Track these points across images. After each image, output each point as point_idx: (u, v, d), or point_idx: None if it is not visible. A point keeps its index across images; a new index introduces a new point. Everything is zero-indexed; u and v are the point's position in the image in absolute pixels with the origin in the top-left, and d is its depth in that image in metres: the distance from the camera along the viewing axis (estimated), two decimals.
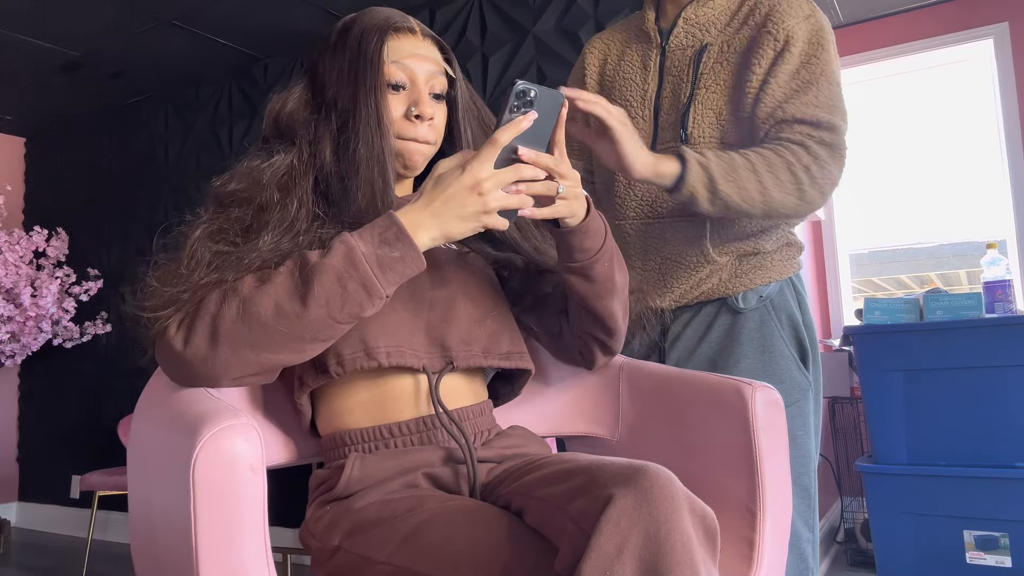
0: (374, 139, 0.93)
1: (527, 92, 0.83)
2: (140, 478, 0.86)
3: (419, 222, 0.82)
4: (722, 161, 1.12)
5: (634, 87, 1.32)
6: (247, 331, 0.81)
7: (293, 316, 0.80)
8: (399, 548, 0.78)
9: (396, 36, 0.98)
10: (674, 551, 0.63)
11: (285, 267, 0.83)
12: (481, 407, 0.99)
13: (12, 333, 3.36)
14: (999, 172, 2.85)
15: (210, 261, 0.85)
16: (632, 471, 0.67)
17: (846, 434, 2.85)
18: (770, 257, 1.26)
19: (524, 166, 0.83)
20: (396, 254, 0.81)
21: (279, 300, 0.81)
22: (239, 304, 0.81)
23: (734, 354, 1.22)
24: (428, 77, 0.98)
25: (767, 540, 0.95)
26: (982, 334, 2.09)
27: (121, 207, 3.70)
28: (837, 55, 1.23)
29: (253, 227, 0.90)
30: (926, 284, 3.04)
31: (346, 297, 0.81)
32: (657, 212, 1.27)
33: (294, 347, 0.83)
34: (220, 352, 0.81)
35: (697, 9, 1.28)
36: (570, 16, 2.47)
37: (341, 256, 0.81)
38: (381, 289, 0.81)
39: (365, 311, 0.82)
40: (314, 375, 0.92)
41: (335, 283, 0.80)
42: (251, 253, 0.86)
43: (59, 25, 2.83)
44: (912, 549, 2.17)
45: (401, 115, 0.97)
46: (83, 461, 3.69)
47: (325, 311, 0.81)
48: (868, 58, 3.04)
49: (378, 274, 0.81)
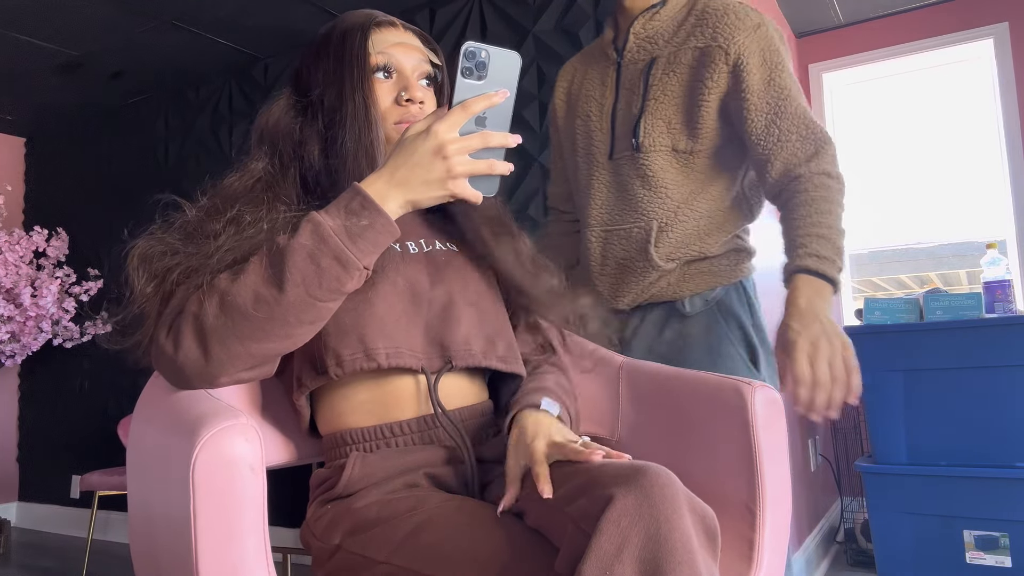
0: (362, 132, 0.94)
1: (476, 53, 0.80)
2: (140, 478, 0.86)
3: (384, 191, 0.81)
4: (825, 244, 1.17)
5: (594, 102, 1.41)
6: (231, 323, 0.80)
7: (272, 301, 0.79)
8: (399, 548, 0.78)
9: (379, 29, 0.99)
10: (674, 551, 0.63)
11: (257, 255, 0.82)
12: (482, 408, 0.98)
13: (12, 333, 3.36)
14: (999, 172, 2.85)
15: (181, 267, 0.85)
16: (632, 471, 0.67)
17: (846, 434, 2.85)
18: (717, 262, 1.32)
19: (492, 134, 0.81)
20: (364, 222, 0.80)
21: (256, 287, 0.80)
22: (218, 299, 0.81)
23: (684, 355, 1.29)
24: (415, 65, 0.99)
25: (767, 540, 0.95)
26: (982, 334, 2.09)
27: (121, 207, 3.69)
28: (791, 66, 1.29)
29: (223, 231, 0.89)
30: (926, 284, 3.04)
31: (321, 273, 0.79)
32: (613, 221, 1.35)
33: (281, 333, 0.82)
34: (211, 349, 0.81)
35: (645, 24, 1.35)
36: (570, 16, 2.47)
37: (309, 233, 0.80)
38: (355, 259, 0.80)
39: (344, 285, 0.81)
40: (313, 376, 0.91)
41: (307, 261, 0.79)
42: (222, 250, 0.85)
43: (59, 25, 2.83)
44: (912, 549, 2.17)
45: (391, 102, 0.97)
46: (83, 461, 3.69)
47: (303, 290, 0.79)
48: (868, 58, 3.04)
49: (349, 244, 0.79)
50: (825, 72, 3.13)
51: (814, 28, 3.10)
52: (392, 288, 0.93)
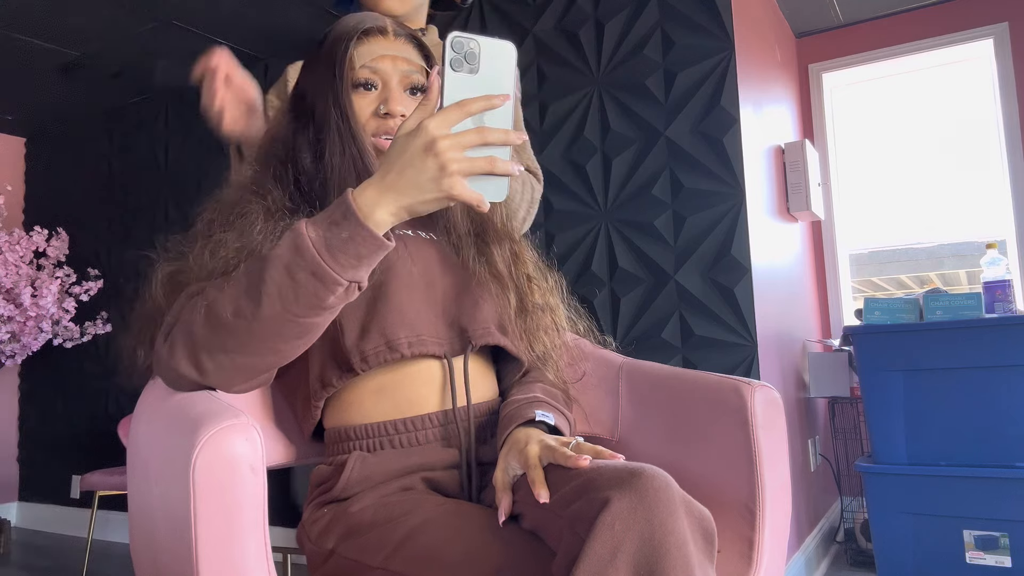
0: (346, 145, 0.93)
1: (465, 44, 0.73)
2: (140, 478, 0.86)
3: (375, 198, 0.74)
4: None
5: None
6: (215, 337, 0.78)
7: (250, 315, 0.75)
8: (394, 553, 0.77)
9: (365, 40, 0.97)
10: (669, 555, 0.63)
11: (243, 265, 0.80)
12: (489, 405, 0.98)
13: (12, 333, 3.36)
14: (999, 172, 2.85)
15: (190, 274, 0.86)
16: (628, 474, 0.67)
17: (846, 434, 2.85)
18: None
19: (492, 129, 0.74)
20: (344, 234, 0.73)
21: (236, 300, 0.76)
22: (205, 310, 0.78)
23: None
24: (402, 76, 0.97)
25: (767, 540, 0.95)
26: (982, 334, 2.09)
27: (121, 207, 3.69)
28: None
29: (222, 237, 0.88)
30: (926, 284, 3.04)
31: (297, 288, 0.74)
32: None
33: (266, 348, 0.78)
34: (201, 362, 0.80)
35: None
36: (570, 16, 2.47)
37: (288, 244, 0.75)
38: (334, 275, 0.73)
39: (324, 300, 0.75)
40: (339, 374, 0.90)
41: (284, 274, 0.74)
42: (217, 256, 0.84)
43: (59, 25, 2.83)
44: (912, 549, 2.17)
45: (370, 114, 0.96)
46: (83, 461, 3.69)
47: (280, 306, 0.74)
48: (868, 58, 3.04)
49: (327, 258, 0.73)
50: (825, 72, 3.12)
51: (814, 28, 3.10)
52: (408, 278, 0.93)
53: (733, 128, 2.13)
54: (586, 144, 2.36)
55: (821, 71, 3.13)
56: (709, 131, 2.16)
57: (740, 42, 2.23)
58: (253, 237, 0.84)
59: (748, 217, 2.08)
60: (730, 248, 2.09)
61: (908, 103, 3.08)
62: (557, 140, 2.41)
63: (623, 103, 2.31)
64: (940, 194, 3.00)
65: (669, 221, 2.20)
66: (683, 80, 2.22)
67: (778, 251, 2.44)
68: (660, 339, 2.18)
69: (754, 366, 2.05)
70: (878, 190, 3.10)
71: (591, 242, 2.32)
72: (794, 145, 2.63)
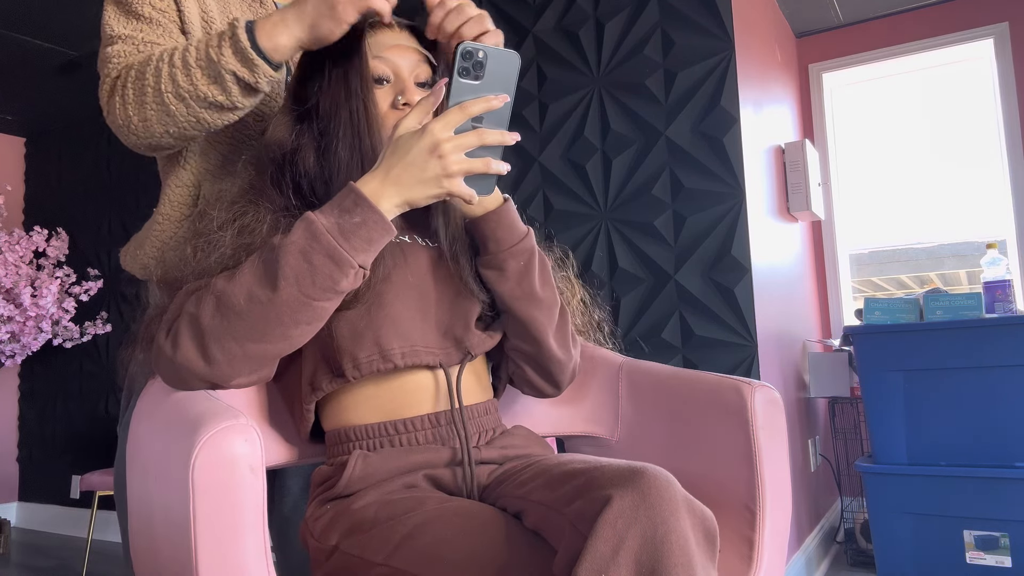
0: (361, 137, 0.92)
1: (474, 53, 0.79)
2: (140, 479, 0.86)
3: (379, 191, 0.81)
4: None
5: None
6: (227, 324, 0.81)
7: (265, 300, 0.80)
8: (397, 550, 0.78)
9: (373, 32, 0.97)
10: (671, 553, 0.63)
11: (254, 255, 0.83)
12: (487, 405, 0.98)
13: (12, 333, 3.36)
14: (999, 172, 2.85)
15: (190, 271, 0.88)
16: (630, 472, 0.67)
17: (846, 434, 2.85)
18: None
19: (489, 131, 0.81)
20: (357, 219, 0.80)
21: (250, 287, 0.81)
22: (215, 299, 0.81)
23: None
24: (412, 67, 0.97)
25: (767, 540, 0.95)
26: (982, 334, 2.09)
27: (121, 207, 3.70)
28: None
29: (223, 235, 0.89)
30: (926, 284, 3.04)
31: (314, 271, 0.80)
32: None
33: (277, 333, 0.82)
34: (208, 350, 0.81)
35: None
36: (570, 16, 2.47)
37: (302, 231, 0.80)
38: (348, 257, 0.80)
39: (339, 283, 0.81)
40: (329, 379, 0.91)
41: (300, 259, 0.79)
42: (219, 252, 0.85)
43: (59, 25, 2.83)
44: (912, 549, 2.17)
45: (388, 106, 0.96)
46: (83, 461, 3.69)
47: (296, 289, 0.80)
48: (868, 58, 3.04)
49: (341, 242, 0.80)
50: (825, 72, 3.13)
51: (814, 28, 3.10)
52: (404, 286, 0.93)
53: (733, 128, 2.13)
54: (586, 144, 2.36)
55: (821, 71, 3.13)
56: (709, 131, 2.16)
57: (740, 42, 2.23)
58: (254, 237, 0.87)
59: (748, 217, 2.08)
60: (730, 248, 2.09)
61: (908, 103, 3.08)
62: (557, 140, 2.41)
63: (623, 103, 2.31)
64: (940, 194, 3.00)
65: (669, 221, 2.20)
66: (683, 80, 2.22)
67: (778, 251, 2.44)
68: (660, 339, 2.18)
69: (754, 366, 2.05)
70: (878, 190, 3.10)
71: (591, 242, 2.32)
72: (794, 145, 2.63)
